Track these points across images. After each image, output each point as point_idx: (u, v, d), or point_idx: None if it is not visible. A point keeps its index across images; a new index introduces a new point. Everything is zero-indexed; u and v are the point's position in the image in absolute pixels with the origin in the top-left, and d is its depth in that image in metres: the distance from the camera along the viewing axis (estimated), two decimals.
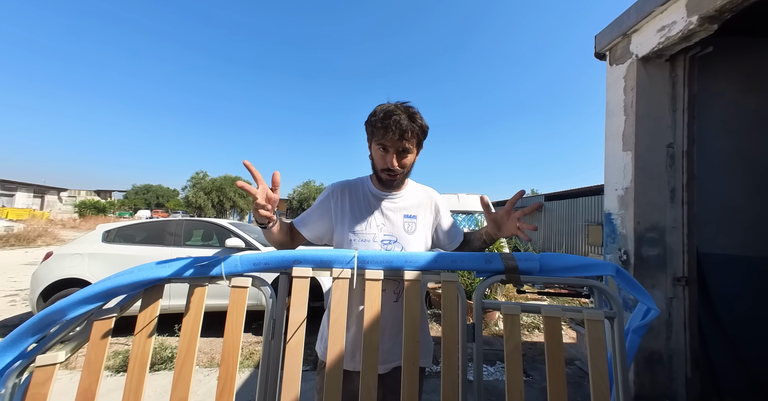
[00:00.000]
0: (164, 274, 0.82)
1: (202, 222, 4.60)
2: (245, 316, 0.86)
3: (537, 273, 0.91)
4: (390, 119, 0.92)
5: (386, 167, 0.99)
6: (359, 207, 1.07)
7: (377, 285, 0.90)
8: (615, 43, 2.72)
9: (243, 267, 0.88)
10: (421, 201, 1.10)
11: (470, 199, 8.07)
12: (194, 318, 0.82)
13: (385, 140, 0.95)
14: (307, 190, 23.17)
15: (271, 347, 0.85)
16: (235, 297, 0.85)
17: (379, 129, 0.94)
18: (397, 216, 1.05)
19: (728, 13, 1.94)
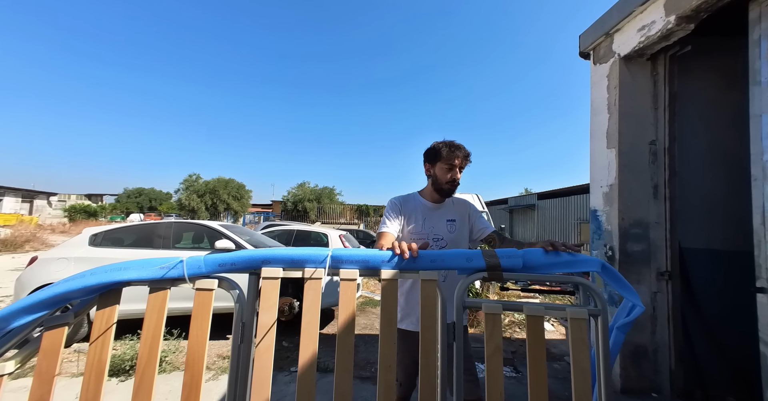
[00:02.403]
0: (120, 278, 0.79)
1: (192, 224, 4.55)
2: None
3: (521, 270, 0.91)
4: (456, 147, 1.36)
5: (451, 180, 1.35)
6: (415, 214, 1.41)
7: (352, 285, 0.90)
8: (598, 42, 2.76)
9: (207, 269, 0.86)
10: (458, 208, 1.46)
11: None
12: (155, 323, 0.79)
13: (451, 161, 1.34)
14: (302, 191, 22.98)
15: (240, 351, 0.84)
16: (200, 300, 0.82)
17: (447, 153, 1.35)
18: (442, 220, 1.40)
19: (704, 12, 1.98)
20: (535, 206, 14.49)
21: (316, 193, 22.91)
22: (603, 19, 2.66)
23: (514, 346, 3.30)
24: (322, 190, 23.32)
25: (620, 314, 0.94)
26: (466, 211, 1.47)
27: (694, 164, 2.44)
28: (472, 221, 1.45)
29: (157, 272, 0.84)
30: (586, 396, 0.78)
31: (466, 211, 1.47)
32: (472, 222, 1.46)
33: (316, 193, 22.91)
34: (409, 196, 1.48)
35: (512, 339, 3.55)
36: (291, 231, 6.20)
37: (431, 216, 1.41)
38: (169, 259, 0.88)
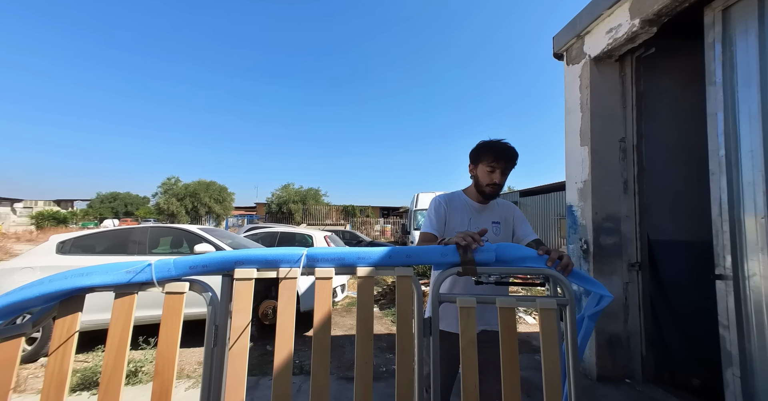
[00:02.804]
0: (82, 284, 0.75)
1: (170, 228, 4.39)
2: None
3: (493, 264, 0.93)
4: (499, 148, 1.29)
5: (492, 182, 1.30)
6: (461, 213, 1.37)
7: (328, 284, 0.89)
8: (570, 44, 2.87)
9: (178, 272, 0.83)
10: (503, 211, 1.42)
11: None
12: (121, 330, 0.75)
13: (494, 163, 1.28)
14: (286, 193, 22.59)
15: (213, 355, 0.81)
16: (170, 304, 0.79)
17: (490, 155, 1.29)
18: (487, 222, 1.36)
19: (665, 16, 2.09)
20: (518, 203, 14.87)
21: (300, 194, 22.61)
22: (574, 21, 2.77)
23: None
24: (307, 192, 23.04)
25: (590, 304, 0.97)
26: (511, 215, 1.42)
27: (660, 160, 2.57)
28: (513, 226, 1.41)
29: (122, 276, 0.81)
30: (555, 383, 0.81)
31: (510, 215, 1.42)
32: (514, 227, 1.41)
33: (300, 194, 22.61)
34: (454, 195, 1.44)
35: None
36: (275, 233, 6.09)
37: (477, 216, 1.37)
38: (135, 263, 0.84)
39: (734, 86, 1.89)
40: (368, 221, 20.38)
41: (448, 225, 1.35)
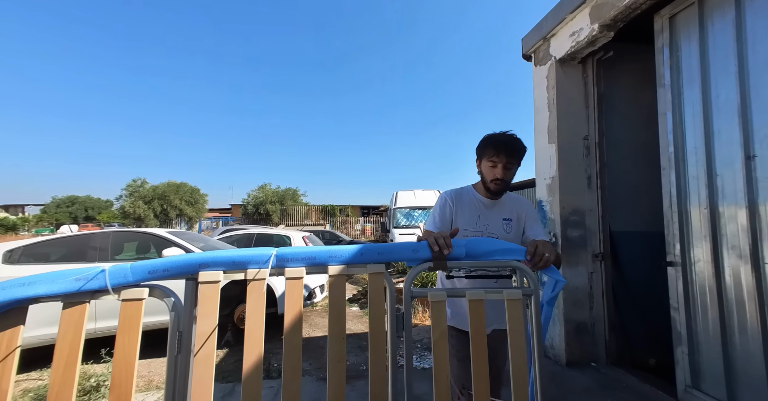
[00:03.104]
0: (23, 294, 0.69)
1: (136, 233, 4.13)
2: None
3: (464, 259, 0.96)
4: (499, 142, 1.23)
5: (495, 178, 1.24)
6: (469, 209, 1.32)
7: (299, 284, 0.88)
8: (538, 45, 2.99)
9: (136, 277, 0.79)
10: (515, 208, 1.35)
11: (426, 195, 8.36)
12: (71, 343, 0.70)
13: (495, 157, 1.22)
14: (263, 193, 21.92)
15: (178, 362, 0.78)
16: (127, 312, 0.75)
17: (491, 149, 1.23)
18: (497, 219, 1.30)
19: (620, 22, 2.23)
20: None
21: (278, 194, 22.06)
22: (541, 24, 2.89)
23: None
24: (285, 192, 22.51)
25: (546, 290, 1.00)
26: (523, 212, 1.34)
27: (619, 156, 2.75)
28: (524, 224, 1.33)
29: (71, 285, 0.75)
30: (522, 367, 0.85)
31: (523, 212, 1.34)
32: (524, 225, 1.33)
33: (278, 194, 22.06)
34: (463, 190, 1.38)
35: None
36: (251, 235, 5.91)
37: (486, 212, 1.30)
38: (86, 270, 0.79)
39: (680, 88, 2.05)
40: (348, 220, 20.27)
41: (454, 222, 1.31)
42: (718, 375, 1.82)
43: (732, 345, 1.78)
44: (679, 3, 2.01)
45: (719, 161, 1.85)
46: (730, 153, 1.78)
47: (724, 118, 1.82)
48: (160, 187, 21.38)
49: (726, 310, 1.80)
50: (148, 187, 21.35)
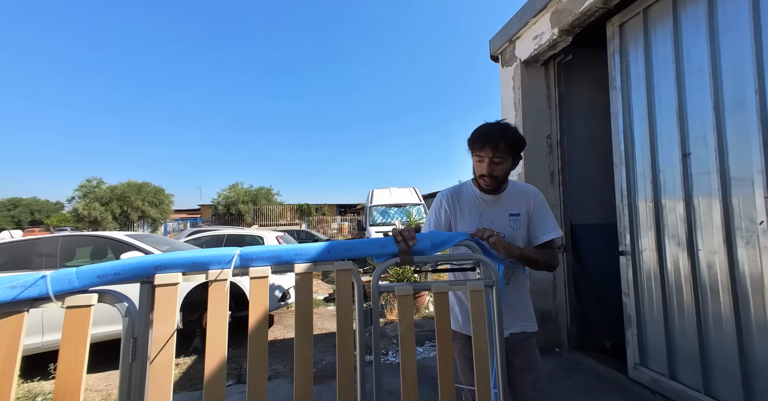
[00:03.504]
0: None
1: (90, 236, 3.82)
2: None
3: (429, 252, 0.99)
4: (483, 135, 1.12)
5: (482, 174, 1.14)
6: (469, 209, 1.23)
7: (264, 283, 0.86)
8: (504, 47, 3.11)
9: (82, 282, 0.74)
10: (522, 200, 1.22)
11: (401, 193, 8.45)
12: (6, 357, 0.64)
13: (480, 151, 1.12)
14: (235, 193, 21.04)
15: (132, 370, 0.74)
16: (72, 320, 0.69)
17: (476, 142, 1.13)
18: (503, 215, 1.20)
19: (577, 27, 2.37)
20: None
21: (251, 194, 21.25)
22: (507, 27, 3.00)
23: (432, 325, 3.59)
24: (258, 191, 21.73)
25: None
26: (530, 204, 1.20)
27: (578, 153, 2.94)
28: (531, 218, 1.20)
29: (5, 293, 0.69)
30: (484, 355, 0.89)
31: (530, 203, 1.20)
32: (531, 219, 1.20)
33: (251, 194, 21.25)
34: (462, 187, 1.27)
35: None
36: (221, 236, 5.66)
37: (489, 209, 1.19)
38: (25, 276, 0.72)
39: (629, 91, 2.23)
40: (324, 219, 19.99)
41: (454, 225, 1.23)
42: (661, 352, 2.01)
43: (672, 324, 1.97)
44: (628, 12, 2.18)
45: (662, 159, 2.03)
46: (671, 151, 1.97)
47: (665, 119, 2.00)
48: (118, 187, 19.81)
49: (667, 294, 2.00)
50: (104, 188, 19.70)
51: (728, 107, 1.69)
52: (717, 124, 1.72)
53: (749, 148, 1.59)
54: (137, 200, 19.60)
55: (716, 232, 1.73)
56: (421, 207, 7.96)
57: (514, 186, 1.25)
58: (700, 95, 1.80)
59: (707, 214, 1.78)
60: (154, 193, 20.68)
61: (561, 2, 2.36)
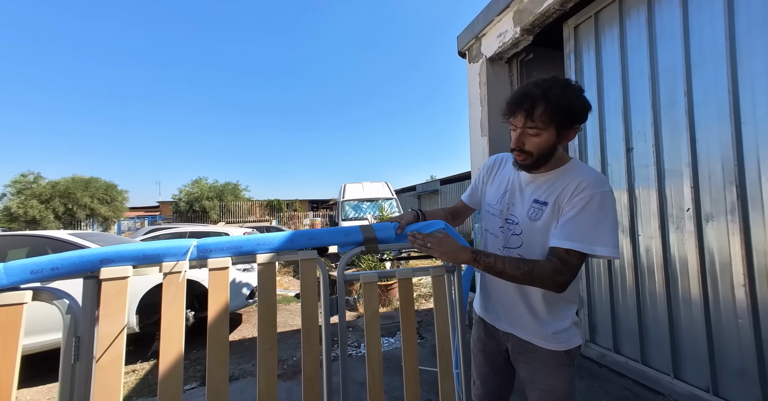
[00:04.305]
0: None
1: (25, 236, 3.42)
2: None
3: (394, 241, 1.00)
4: (517, 97, 0.85)
5: (512, 147, 0.91)
6: (502, 180, 1.04)
7: (224, 274, 0.83)
8: (471, 44, 3.19)
9: (12, 279, 0.66)
10: (558, 188, 0.90)
11: (374, 187, 8.46)
12: None
13: (512, 118, 0.87)
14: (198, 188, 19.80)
15: (75, 371, 0.68)
16: (1, 321, 0.63)
17: (508, 107, 0.88)
18: (528, 198, 0.95)
19: (537, 27, 2.49)
20: (438, 191, 16.22)
21: (216, 189, 20.14)
22: (473, 24, 3.08)
23: (420, 316, 3.69)
24: (224, 186, 20.65)
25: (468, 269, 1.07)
26: (568, 195, 0.87)
27: None
28: (559, 214, 0.88)
29: None
30: (446, 336, 0.93)
31: (567, 195, 0.87)
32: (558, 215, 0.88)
33: (216, 189, 20.14)
34: (511, 156, 1.03)
35: (419, 310, 3.95)
36: (182, 233, 5.33)
37: (518, 190, 0.98)
38: None
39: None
40: (296, 215, 19.51)
41: (483, 191, 1.10)
42: (608, 329, 2.22)
43: (617, 304, 2.18)
44: (582, 15, 2.32)
45: (609, 153, 2.21)
46: (617, 146, 2.15)
47: (612, 116, 2.17)
48: (61, 182, 17.81)
49: (613, 276, 2.20)
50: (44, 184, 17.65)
51: (663, 106, 1.87)
52: (654, 122, 1.91)
53: (679, 143, 1.78)
54: (84, 197, 17.82)
55: (653, 219, 1.93)
56: (393, 202, 8.03)
57: (573, 168, 0.91)
58: (641, 95, 1.98)
59: (646, 203, 1.97)
60: (104, 189, 18.91)
61: (522, 2, 2.46)
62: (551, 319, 0.89)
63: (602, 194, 0.83)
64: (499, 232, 0.98)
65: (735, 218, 1.55)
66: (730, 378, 1.61)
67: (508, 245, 0.96)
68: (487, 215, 1.04)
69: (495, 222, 1.00)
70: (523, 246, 0.92)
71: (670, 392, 1.82)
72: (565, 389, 0.89)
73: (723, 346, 1.63)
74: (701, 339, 1.70)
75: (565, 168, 0.92)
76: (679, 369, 1.82)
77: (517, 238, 0.94)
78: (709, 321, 1.67)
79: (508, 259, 0.86)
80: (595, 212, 0.83)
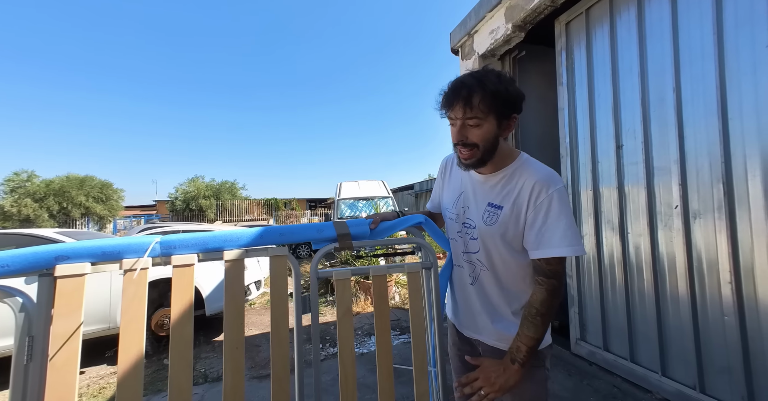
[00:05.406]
0: None
1: (11, 235, 3.38)
2: None
3: (368, 237, 0.98)
4: (453, 88, 0.82)
5: (453, 142, 0.85)
6: (455, 182, 1.00)
7: (188, 271, 0.80)
8: (463, 41, 3.17)
9: None
10: (518, 191, 0.84)
11: (370, 186, 8.45)
12: None
13: (450, 112, 0.83)
14: (195, 187, 19.68)
15: (28, 372, 0.66)
16: None
17: (445, 100, 0.83)
18: (483, 201, 0.90)
19: (529, 24, 2.47)
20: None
21: (213, 188, 20.05)
22: (465, 20, 3.06)
23: (400, 314, 3.69)
24: (221, 185, 20.55)
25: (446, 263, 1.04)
26: (527, 198, 0.82)
27: (532, 147, 3.09)
28: (524, 222, 0.83)
29: None
30: (421, 333, 0.91)
31: (525, 197, 0.83)
32: (526, 220, 0.83)
33: (213, 188, 20.05)
34: None
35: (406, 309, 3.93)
36: (175, 232, 5.29)
37: (472, 191, 0.93)
38: None
39: (574, 87, 2.38)
40: (294, 214, 19.47)
41: (440, 196, 1.06)
42: (597, 327, 2.21)
43: (607, 302, 2.17)
44: (573, 12, 2.31)
45: (600, 150, 2.20)
46: (607, 143, 2.13)
47: (603, 113, 2.16)
48: (55, 181, 17.67)
49: (603, 274, 2.19)
50: (38, 182, 17.51)
51: (652, 103, 1.86)
52: (644, 119, 1.89)
53: (668, 140, 1.77)
54: (79, 196, 17.70)
55: (642, 217, 1.91)
56: (389, 200, 8.01)
57: (522, 166, 0.88)
58: (631, 92, 1.97)
59: (635, 201, 1.96)
60: (99, 187, 18.78)
61: None
62: (516, 323, 0.86)
63: (558, 191, 0.82)
64: (457, 237, 0.96)
65: (722, 215, 1.54)
66: (716, 376, 1.60)
67: (467, 250, 0.93)
68: (446, 220, 1.02)
69: (453, 227, 0.98)
70: (481, 251, 0.90)
71: (658, 389, 1.82)
72: (536, 391, 0.87)
73: (710, 344, 1.62)
74: (689, 336, 1.69)
75: (515, 166, 0.88)
76: (667, 367, 1.81)
77: (475, 243, 0.91)
78: (696, 318, 1.67)
79: (525, 327, 0.81)
80: (558, 214, 0.80)
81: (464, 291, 0.96)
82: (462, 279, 0.96)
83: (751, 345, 1.47)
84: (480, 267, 0.92)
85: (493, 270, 0.90)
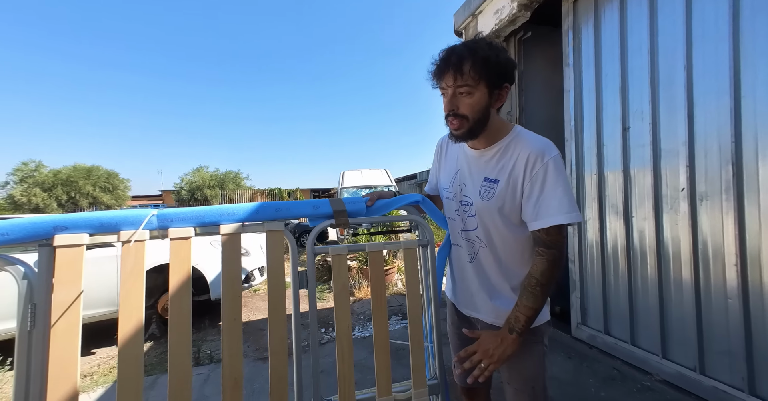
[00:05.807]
0: None
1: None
2: None
3: (365, 214, 0.97)
4: (443, 56, 0.80)
5: (445, 112, 0.83)
6: (451, 161, 0.99)
7: (186, 244, 0.81)
8: (467, 22, 3.07)
9: None
10: (513, 164, 0.82)
11: (373, 174, 8.42)
12: None
13: (441, 81, 0.81)
14: (199, 177, 19.79)
15: (32, 338, 0.67)
16: None
17: (436, 70, 0.82)
18: (478, 177, 0.88)
19: (535, 2, 2.37)
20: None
21: (217, 178, 20.17)
22: (469, 1, 2.95)
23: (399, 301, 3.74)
24: (225, 175, 20.67)
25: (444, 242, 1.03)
26: (522, 170, 0.81)
27: (536, 130, 3.01)
28: (521, 194, 0.82)
29: None
30: (417, 311, 0.92)
31: (521, 169, 0.81)
32: (523, 192, 0.82)
33: (217, 178, 20.17)
34: None
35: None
36: None
37: (468, 167, 0.92)
38: None
39: (581, 68, 2.30)
40: None
41: (438, 176, 1.04)
42: (599, 312, 2.21)
43: (609, 286, 2.16)
44: None
45: (606, 133, 2.14)
46: (613, 125, 2.08)
47: (610, 95, 2.09)
48: (63, 171, 17.90)
49: (606, 258, 2.17)
50: (46, 172, 17.75)
51: (662, 83, 1.79)
52: (652, 99, 1.83)
53: (676, 121, 1.71)
54: (86, 185, 17.93)
55: (647, 200, 1.88)
56: (393, 189, 8.00)
57: (517, 138, 0.86)
58: (640, 72, 1.90)
59: (641, 184, 1.92)
60: (106, 177, 19.01)
61: None
62: (514, 299, 0.84)
63: (553, 160, 0.80)
64: (455, 215, 0.95)
65: (729, 197, 1.51)
66: (717, 358, 1.60)
67: (465, 228, 0.92)
68: (444, 200, 1.01)
69: (451, 206, 0.97)
70: (479, 228, 0.89)
71: (658, 371, 1.83)
72: (535, 367, 0.88)
73: (711, 326, 1.61)
74: (690, 319, 1.68)
75: (509, 138, 0.87)
76: (668, 349, 1.81)
77: (472, 220, 0.90)
78: (699, 300, 1.65)
79: (524, 297, 0.80)
80: (554, 182, 0.79)
81: (462, 270, 0.96)
82: (460, 258, 0.96)
83: (753, 327, 1.46)
84: (478, 244, 0.91)
85: (491, 246, 0.89)
